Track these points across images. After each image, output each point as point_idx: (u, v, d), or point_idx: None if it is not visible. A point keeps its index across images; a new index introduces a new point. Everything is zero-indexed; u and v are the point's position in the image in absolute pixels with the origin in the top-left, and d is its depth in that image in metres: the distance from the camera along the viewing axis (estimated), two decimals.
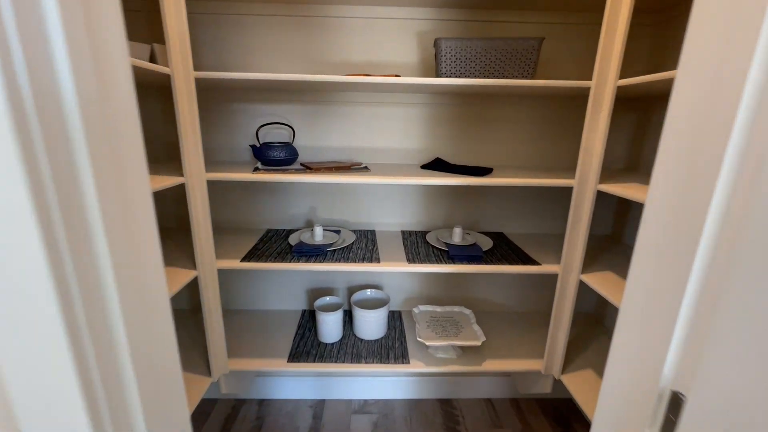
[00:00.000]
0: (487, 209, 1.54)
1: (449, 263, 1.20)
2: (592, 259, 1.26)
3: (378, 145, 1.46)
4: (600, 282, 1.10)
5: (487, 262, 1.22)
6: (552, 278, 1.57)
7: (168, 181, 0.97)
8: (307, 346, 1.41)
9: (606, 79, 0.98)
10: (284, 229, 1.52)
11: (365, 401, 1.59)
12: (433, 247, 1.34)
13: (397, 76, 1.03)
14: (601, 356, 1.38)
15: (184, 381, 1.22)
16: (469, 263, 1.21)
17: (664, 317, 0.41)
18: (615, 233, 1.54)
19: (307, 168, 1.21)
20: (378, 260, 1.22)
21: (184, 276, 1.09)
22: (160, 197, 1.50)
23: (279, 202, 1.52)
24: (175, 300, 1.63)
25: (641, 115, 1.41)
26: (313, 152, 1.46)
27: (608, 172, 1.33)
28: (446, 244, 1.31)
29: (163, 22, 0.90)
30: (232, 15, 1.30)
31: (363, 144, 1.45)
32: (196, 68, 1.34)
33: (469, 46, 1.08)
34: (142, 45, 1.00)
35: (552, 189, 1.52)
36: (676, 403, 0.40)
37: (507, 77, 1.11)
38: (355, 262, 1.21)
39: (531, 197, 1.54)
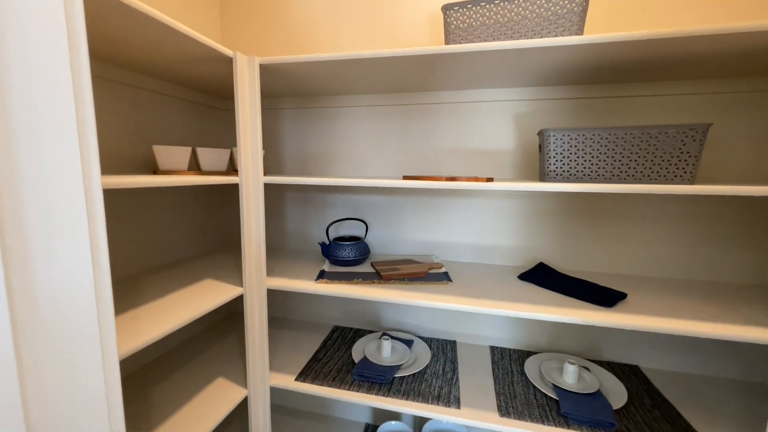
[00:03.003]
0: (617, 331, 1.14)
1: (561, 426, 0.85)
2: None
3: (462, 240, 1.22)
4: None
5: None
6: None
7: (225, 296, 0.88)
8: None
9: None
10: (351, 329, 1.35)
11: None
12: (535, 388, 0.99)
13: (490, 180, 0.81)
14: None
15: None
16: (593, 431, 0.84)
17: None
18: None
19: (378, 275, 1.03)
20: (458, 402, 0.94)
21: (235, 394, 0.97)
22: None
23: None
24: None
25: None
26: (387, 244, 1.29)
27: None
28: (555, 387, 0.96)
29: (237, 129, 0.87)
30: (315, 108, 1.29)
31: (445, 238, 1.24)
32: (280, 159, 1.36)
33: (589, 138, 0.82)
34: (222, 151, 1.00)
35: None
36: None
37: (649, 177, 0.80)
38: (427, 401, 0.94)
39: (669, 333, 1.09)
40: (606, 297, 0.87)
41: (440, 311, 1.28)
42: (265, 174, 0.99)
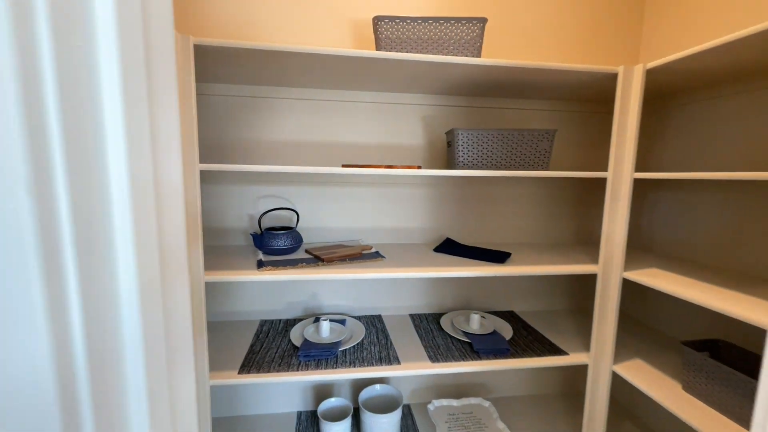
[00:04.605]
0: (498, 288, 1.49)
1: (475, 359, 1.10)
2: (618, 344, 1.21)
3: (383, 225, 1.39)
4: (633, 373, 1.05)
5: (514, 355, 1.13)
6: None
7: None
8: None
9: (621, 171, 1.00)
10: (281, 320, 1.35)
11: None
12: (451, 337, 1.23)
13: (419, 167, 0.99)
14: None
15: None
16: (496, 357, 1.11)
17: None
18: (632, 312, 1.50)
19: (317, 258, 1.10)
20: (398, 360, 1.09)
21: None
22: None
23: (274, 287, 1.37)
24: None
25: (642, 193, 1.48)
26: (315, 233, 1.36)
27: None
28: (465, 333, 1.22)
29: None
30: (240, 97, 1.24)
31: (368, 224, 1.38)
32: (201, 142, 1.25)
33: (486, 136, 1.09)
34: None
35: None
36: None
37: (522, 165, 1.12)
38: (372, 364, 1.07)
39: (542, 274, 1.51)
40: (498, 256, 1.16)
41: (366, 291, 1.41)
42: None
